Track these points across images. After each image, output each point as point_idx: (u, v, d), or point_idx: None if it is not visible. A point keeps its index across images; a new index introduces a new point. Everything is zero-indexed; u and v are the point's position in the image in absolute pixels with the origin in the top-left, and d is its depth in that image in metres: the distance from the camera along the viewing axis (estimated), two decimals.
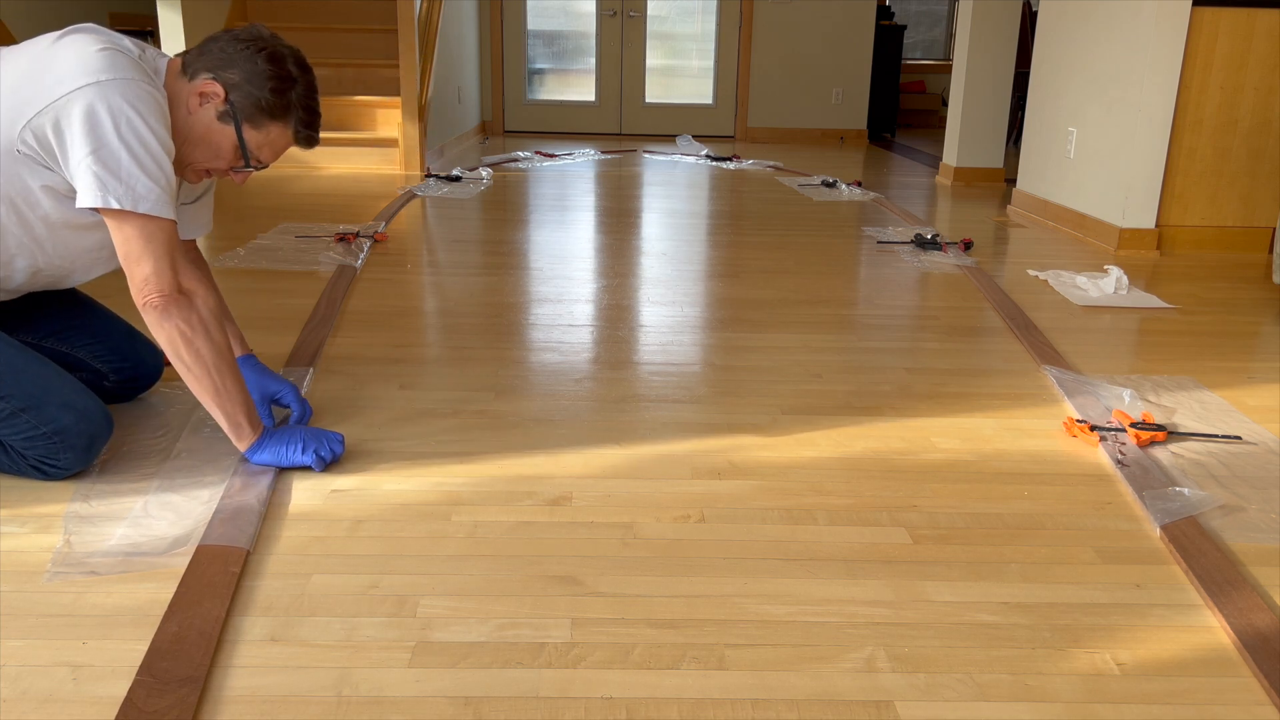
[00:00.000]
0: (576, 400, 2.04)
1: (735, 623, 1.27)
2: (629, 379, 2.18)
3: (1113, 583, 1.39)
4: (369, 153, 5.26)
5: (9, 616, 1.24)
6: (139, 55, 1.53)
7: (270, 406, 1.80)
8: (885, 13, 7.83)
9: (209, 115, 1.56)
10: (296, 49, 1.61)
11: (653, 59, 7.62)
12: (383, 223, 3.79)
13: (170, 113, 1.53)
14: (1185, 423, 1.97)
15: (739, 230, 4.01)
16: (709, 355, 2.37)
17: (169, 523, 1.47)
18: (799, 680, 1.16)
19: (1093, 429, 1.87)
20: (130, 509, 1.51)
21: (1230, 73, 3.52)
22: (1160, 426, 1.89)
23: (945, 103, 8.12)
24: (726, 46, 7.52)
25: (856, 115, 7.60)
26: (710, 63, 7.60)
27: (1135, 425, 1.88)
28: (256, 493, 1.55)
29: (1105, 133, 3.79)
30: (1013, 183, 4.85)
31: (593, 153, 6.41)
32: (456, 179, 5.00)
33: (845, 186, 5.06)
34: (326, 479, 1.64)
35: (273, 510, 1.53)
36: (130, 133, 1.43)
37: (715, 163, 6.06)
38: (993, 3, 5.23)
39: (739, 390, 2.12)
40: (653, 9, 7.51)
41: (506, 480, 1.66)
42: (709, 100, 7.67)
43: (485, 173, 5.24)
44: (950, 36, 9.54)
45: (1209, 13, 3.47)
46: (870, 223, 4.15)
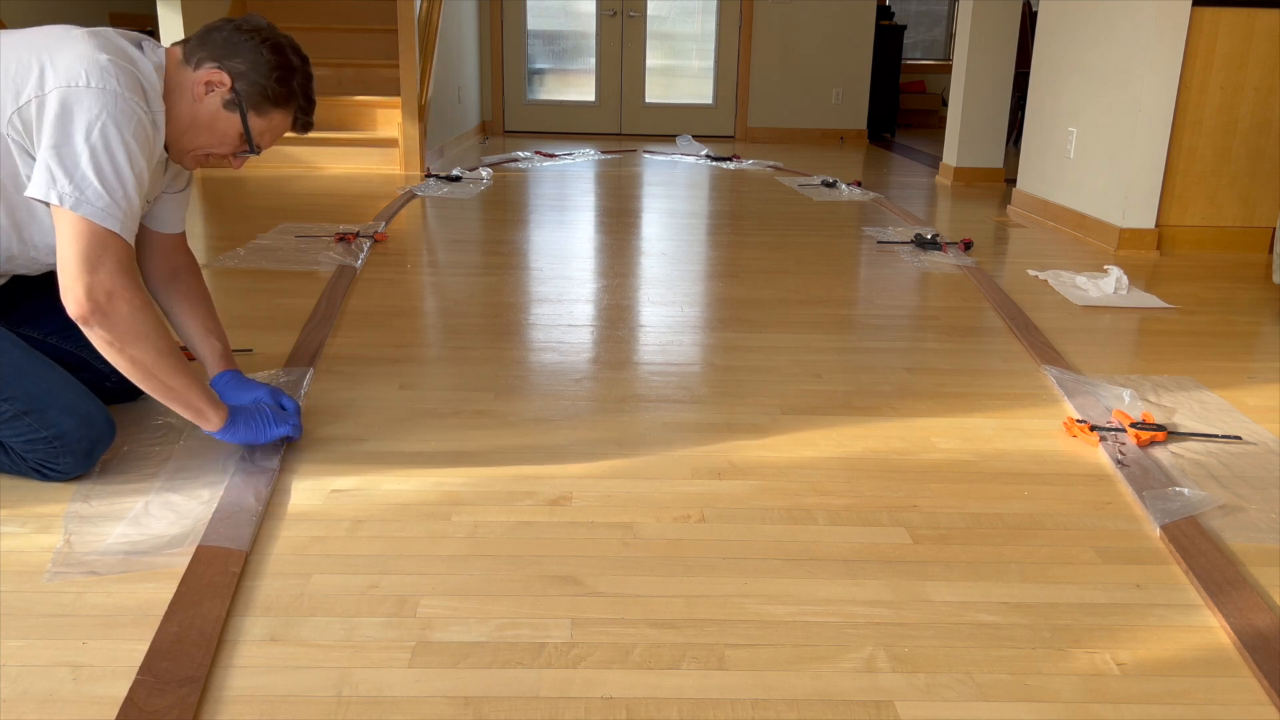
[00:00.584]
0: (576, 400, 2.04)
1: (735, 623, 1.27)
2: (629, 379, 2.18)
3: (1113, 583, 1.39)
4: (369, 153, 5.26)
5: (9, 616, 1.24)
6: (139, 51, 1.55)
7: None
8: (885, 13, 7.84)
9: (215, 103, 1.59)
10: (292, 38, 1.66)
11: (653, 59, 7.62)
12: (383, 223, 3.80)
13: (174, 101, 1.58)
14: (1185, 423, 1.97)
15: (739, 230, 4.01)
16: (709, 355, 2.37)
17: (169, 522, 1.47)
18: (799, 680, 1.16)
19: (1093, 429, 1.87)
20: (130, 509, 1.51)
21: (1230, 73, 3.52)
22: (1160, 426, 1.89)
23: (945, 103, 8.12)
24: (726, 46, 7.52)
25: (856, 115, 7.60)
26: (710, 63, 7.61)
27: (1135, 425, 1.88)
28: (256, 493, 1.55)
29: (1105, 133, 3.79)
30: (1013, 183, 4.85)
31: (593, 153, 6.41)
32: (456, 179, 5.00)
33: (845, 186, 5.06)
34: (326, 479, 1.64)
35: (272, 510, 1.53)
36: (100, 141, 1.44)
37: (715, 163, 6.06)
38: (993, 3, 5.23)
39: (739, 390, 2.12)
40: (653, 9, 7.52)
41: (506, 480, 1.66)
42: (709, 100, 7.67)
43: (485, 173, 5.24)
44: (950, 36, 9.55)
45: (1209, 13, 3.47)
46: (870, 223, 4.15)
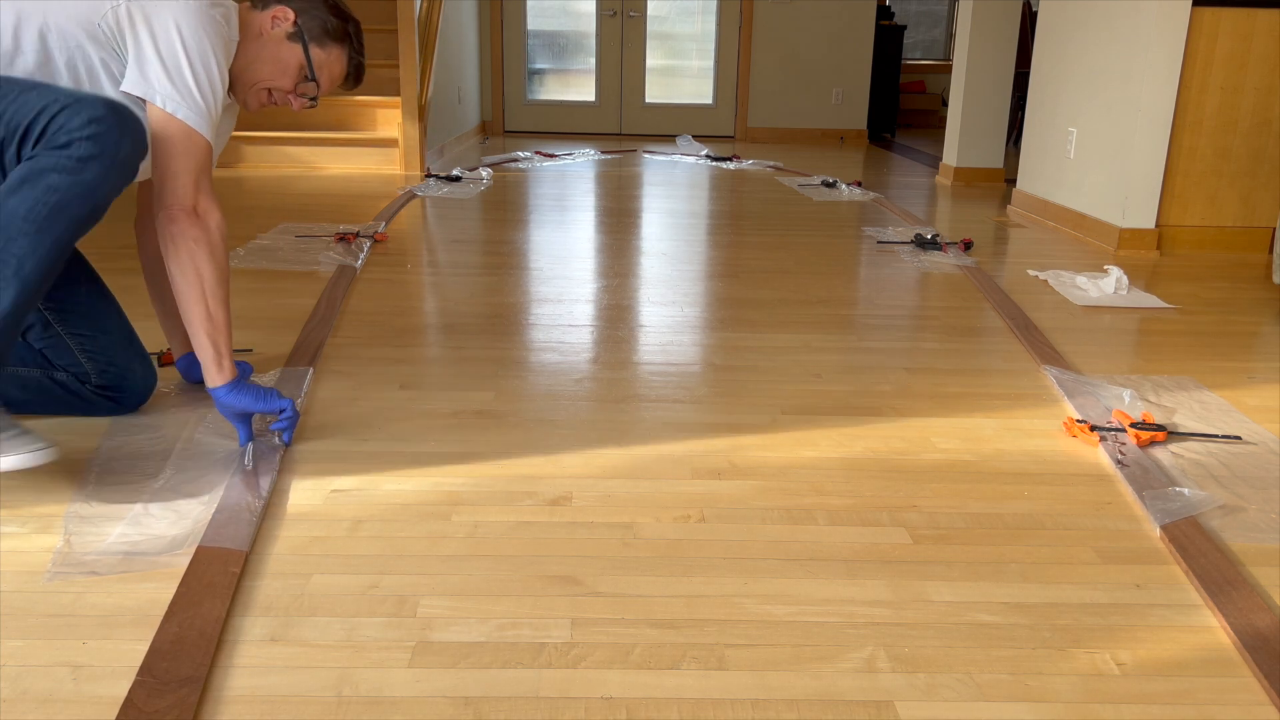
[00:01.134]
0: (576, 400, 2.04)
1: (735, 623, 1.27)
2: (629, 379, 2.18)
3: (1113, 583, 1.39)
4: (369, 153, 5.26)
5: (9, 616, 1.24)
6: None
7: (250, 420, 1.75)
8: (885, 13, 7.84)
9: (279, 35, 1.76)
10: None
11: (653, 59, 7.62)
12: (383, 223, 3.80)
13: (243, 40, 1.74)
14: (1185, 423, 1.97)
15: (739, 230, 4.01)
16: (709, 355, 2.37)
17: (169, 523, 1.47)
18: (799, 680, 1.16)
19: (1093, 429, 1.87)
20: (130, 509, 1.51)
21: (1230, 72, 3.52)
22: (1160, 426, 1.89)
23: (945, 103, 8.13)
24: (726, 46, 7.52)
25: (856, 115, 7.60)
26: (710, 63, 7.61)
27: (1135, 425, 1.88)
28: (256, 493, 1.55)
29: (1105, 132, 3.79)
30: (1013, 183, 4.85)
31: (593, 153, 6.41)
32: (456, 179, 5.00)
33: (845, 186, 5.06)
34: (326, 479, 1.64)
35: (272, 510, 1.53)
36: (197, 51, 1.59)
37: (715, 163, 6.06)
38: (993, 3, 5.24)
39: (739, 390, 2.12)
40: (653, 9, 7.52)
41: (506, 480, 1.66)
42: (709, 100, 7.67)
43: (485, 173, 5.24)
44: (950, 36, 9.55)
45: (1209, 13, 3.47)
46: (870, 223, 4.15)
